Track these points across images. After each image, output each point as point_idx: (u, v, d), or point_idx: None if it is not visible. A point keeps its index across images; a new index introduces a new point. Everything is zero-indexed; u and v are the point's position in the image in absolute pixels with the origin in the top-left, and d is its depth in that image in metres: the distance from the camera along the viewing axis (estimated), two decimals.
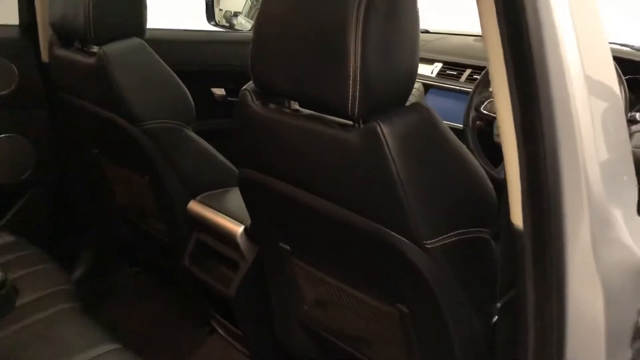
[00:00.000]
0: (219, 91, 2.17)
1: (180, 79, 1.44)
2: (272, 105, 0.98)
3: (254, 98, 0.98)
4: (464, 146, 0.89)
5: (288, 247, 1.12)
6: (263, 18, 0.91)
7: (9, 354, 1.12)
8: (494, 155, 1.50)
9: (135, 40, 1.38)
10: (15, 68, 1.72)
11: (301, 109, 0.95)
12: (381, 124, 0.80)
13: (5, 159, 1.75)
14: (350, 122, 0.84)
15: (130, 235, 1.81)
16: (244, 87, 1.00)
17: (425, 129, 0.84)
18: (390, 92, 0.83)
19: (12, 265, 1.43)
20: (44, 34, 1.72)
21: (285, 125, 0.94)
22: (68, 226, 1.94)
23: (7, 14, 1.79)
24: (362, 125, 0.82)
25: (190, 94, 1.47)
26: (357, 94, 0.79)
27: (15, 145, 1.77)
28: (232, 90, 2.15)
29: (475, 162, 0.88)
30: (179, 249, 1.53)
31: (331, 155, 0.88)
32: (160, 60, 1.41)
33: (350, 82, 0.79)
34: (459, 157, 0.86)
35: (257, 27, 0.92)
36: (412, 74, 0.85)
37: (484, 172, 0.89)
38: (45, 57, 1.71)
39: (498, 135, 1.49)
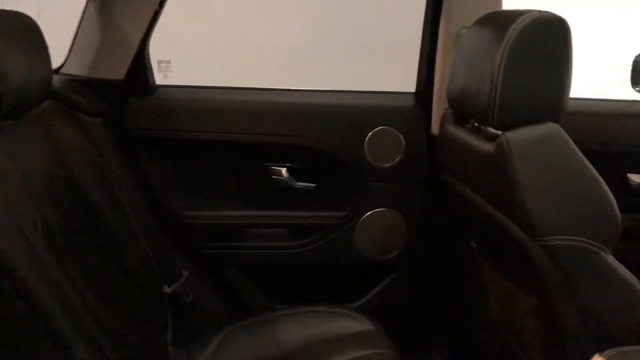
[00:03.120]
0: (637, 178, 1.67)
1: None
2: None
3: None
4: None
5: None
6: None
7: None
8: None
9: (549, 127, 1.04)
10: (403, 139, 1.58)
11: None
12: None
13: (377, 233, 1.63)
14: None
15: (494, 352, 1.47)
16: None
17: None
18: None
19: None
20: (438, 105, 1.54)
21: None
22: (428, 316, 1.72)
23: (406, 80, 1.69)
24: None
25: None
26: None
27: (390, 220, 1.63)
28: None
29: None
30: None
31: None
32: (580, 154, 1.03)
33: None
34: None
35: None
36: None
37: None
38: (435, 129, 1.53)
39: None
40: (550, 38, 1.04)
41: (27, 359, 0.89)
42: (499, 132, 1.06)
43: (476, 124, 1.21)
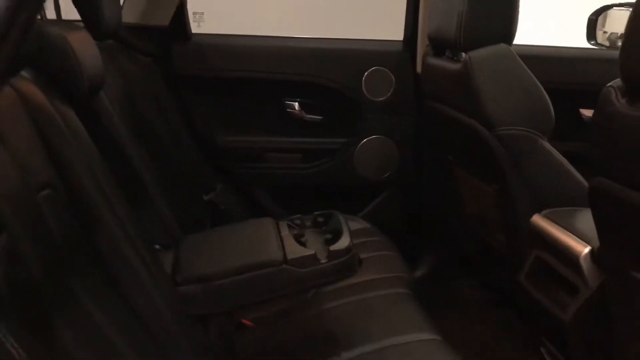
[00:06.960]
0: (589, 112, 2.01)
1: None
2: None
3: (619, 95, 0.87)
4: None
5: None
6: None
7: (343, 316, 1.27)
8: None
9: (502, 47, 1.38)
10: (393, 77, 1.93)
11: None
12: None
13: (373, 157, 1.98)
14: None
15: (471, 246, 1.82)
16: (608, 84, 0.90)
17: None
18: None
19: (362, 246, 1.60)
20: (421, 48, 1.89)
21: None
22: (417, 226, 2.07)
23: (396, 30, 2.03)
24: None
25: (557, 113, 1.40)
26: None
27: (383, 146, 1.98)
28: None
29: None
30: (516, 264, 1.47)
31: None
32: (526, 68, 1.38)
33: None
34: None
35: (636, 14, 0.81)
36: None
37: None
38: (419, 68, 1.87)
39: None
40: None
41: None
42: (465, 54, 1.41)
43: (451, 55, 1.55)
